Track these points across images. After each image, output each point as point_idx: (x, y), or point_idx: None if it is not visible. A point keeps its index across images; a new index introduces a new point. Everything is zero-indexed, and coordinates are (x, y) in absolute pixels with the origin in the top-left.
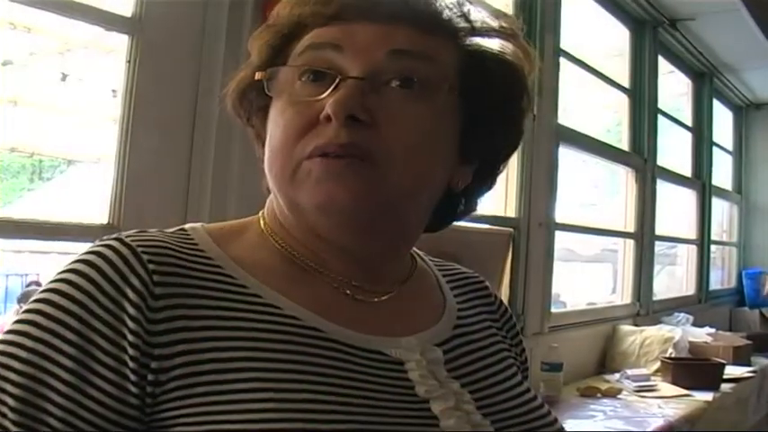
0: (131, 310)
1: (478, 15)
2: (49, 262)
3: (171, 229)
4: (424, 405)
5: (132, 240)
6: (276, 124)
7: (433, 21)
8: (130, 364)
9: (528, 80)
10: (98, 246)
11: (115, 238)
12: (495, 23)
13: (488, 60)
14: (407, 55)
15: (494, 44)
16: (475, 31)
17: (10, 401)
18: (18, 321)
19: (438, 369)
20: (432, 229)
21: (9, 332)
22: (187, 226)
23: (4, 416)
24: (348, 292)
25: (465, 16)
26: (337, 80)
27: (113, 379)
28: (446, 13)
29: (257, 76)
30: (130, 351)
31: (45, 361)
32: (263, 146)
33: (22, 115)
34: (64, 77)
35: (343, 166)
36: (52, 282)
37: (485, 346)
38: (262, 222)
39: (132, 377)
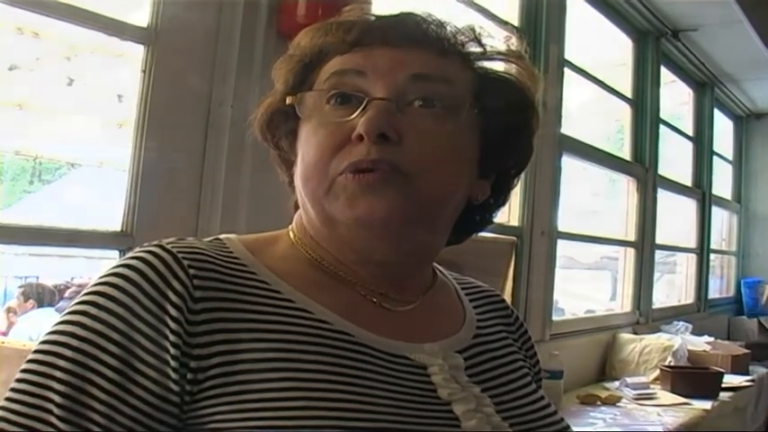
0: (173, 312)
1: (489, 40)
2: (48, 265)
3: (207, 239)
4: (447, 407)
5: (173, 247)
6: (309, 144)
7: (448, 45)
8: (172, 363)
9: (535, 100)
10: (140, 251)
11: (156, 245)
12: (503, 47)
13: (499, 82)
14: (427, 78)
15: (503, 67)
16: (486, 54)
17: (56, 398)
18: (63, 322)
19: (459, 374)
20: (452, 242)
21: (54, 332)
22: (222, 236)
23: (50, 411)
24: (375, 300)
25: (477, 40)
26: (365, 102)
27: (155, 377)
28: (459, 38)
29: (288, 100)
30: (172, 350)
31: (90, 360)
32: (289, 168)
33: (27, 119)
34: (70, 82)
35: (376, 179)
36: (96, 285)
37: (502, 355)
38: (291, 235)
39: (173, 375)
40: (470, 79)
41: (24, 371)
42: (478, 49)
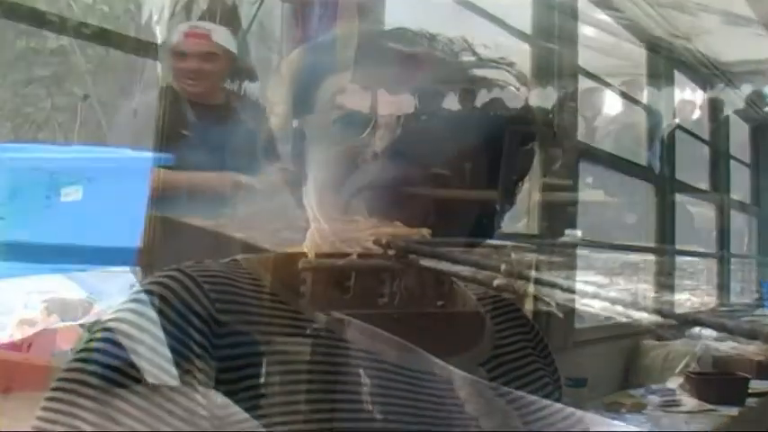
0: (197, 337)
1: (480, 49)
2: (69, 279)
3: (224, 260)
4: (475, 422)
5: (192, 271)
6: (319, 166)
7: (441, 56)
8: (200, 389)
9: (530, 105)
10: (160, 276)
11: (175, 269)
12: (495, 55)
13: (496, 89)
14: (428, 92)
15: (497, 74)
16: (479, 62)
17: (85, 427)
18: (85, 349)
19: (483, 387)
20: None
21: (78, 360)
22: (239, 257)
23: None
24: (395, 315)
25: (470, 49)
26: (373, 120)
27: (184, 403)
28: (452, 48)
29: (294, 124)
30: (199, 376)
31: (117, 387)
32: (297, 188)
33: (45, 134)
34: (86, 98)
35: (394, 198)
36: (118, 311)
37: (523, 365)
38: (307, 252)
39: (202, 401)
40: (468, 88)
41: (50, 399)
42: (472, 58)
